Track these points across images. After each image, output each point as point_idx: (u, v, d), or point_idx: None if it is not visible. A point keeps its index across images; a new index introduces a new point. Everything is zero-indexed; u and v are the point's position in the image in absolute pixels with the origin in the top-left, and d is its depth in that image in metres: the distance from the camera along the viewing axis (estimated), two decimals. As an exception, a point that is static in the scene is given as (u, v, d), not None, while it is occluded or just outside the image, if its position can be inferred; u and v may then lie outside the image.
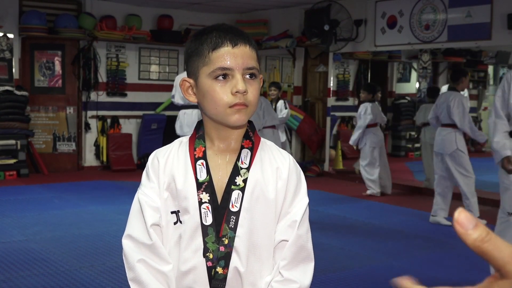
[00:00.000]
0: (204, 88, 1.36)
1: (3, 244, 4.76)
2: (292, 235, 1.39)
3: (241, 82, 1.33)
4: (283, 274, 1.38)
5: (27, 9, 8.46)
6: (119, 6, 9.18)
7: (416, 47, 8.47)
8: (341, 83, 11.33)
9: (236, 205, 1.37)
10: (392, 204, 7.02)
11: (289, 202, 1.42)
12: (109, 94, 9.21)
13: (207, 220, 1.36)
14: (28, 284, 3.87)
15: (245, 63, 1.34)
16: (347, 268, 4.44)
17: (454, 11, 7.24)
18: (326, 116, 9.33)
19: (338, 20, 8.34)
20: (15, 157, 8.20)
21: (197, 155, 1.41)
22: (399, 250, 5.00)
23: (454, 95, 5.95)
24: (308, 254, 1.41)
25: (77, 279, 3.99)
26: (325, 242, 5.06)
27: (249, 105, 1.35)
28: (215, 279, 1.36)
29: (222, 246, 1.36)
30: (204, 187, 1.38)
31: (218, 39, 1.34)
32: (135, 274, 1.36)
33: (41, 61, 8.78)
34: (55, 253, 4.60)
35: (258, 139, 1.46)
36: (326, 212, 6.39)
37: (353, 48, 8.74)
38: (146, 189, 1.41)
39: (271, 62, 10.51)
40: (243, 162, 1.40)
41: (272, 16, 9.86)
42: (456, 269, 4.50)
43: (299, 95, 9.64)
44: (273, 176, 1.41)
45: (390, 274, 4.32)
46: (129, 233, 1.40)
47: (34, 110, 8.71)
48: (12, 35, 8.36)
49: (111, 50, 9.16)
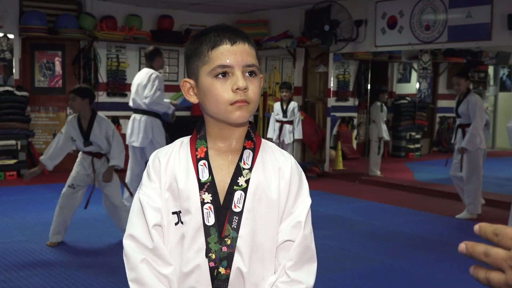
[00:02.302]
0: (204, 87, 1.36)
1: (3, 244, 4.76)
2: (298, 236, 1.39)
3: (241, 79, 1.33)
4: (290, 274, 1.39)
5: (28, 9, 8.47)
6: (119, 6, 9.18)
7: (416, 48, 8.47)
8: (342, 84, 11.32)
9: (238, 205, 1.38)
10: (392, 204, 7.02)
11: (291, 202, 1.42)
12: (109, 94, 9.22)
13: (209, 221, 1.36)
14: (28, 284, 3.87)
15: (245, 60, 1.34)
16: (347, 268, 4.44)
17: (454, 12, 7.24)
18: (326, 117, 9.33)
19: (338, 21, 8.34)
20: (15, 157, 8.20)
21: (199, 155, 1.41)
22: (399, 250, 5.00)
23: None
24: (312, 254, 1.42)
25: (77, 279, 3.99)
26: (325, 242, 5.07)
27: (250, 102, 1.35)
28: (217, 280, 1.36)
29: (224, 246, 1.36)
30: (206, 187, 1.38)
31: (217, 38, 1.35)
32: (137, 275, 1.36)
33: (41, 61, 8.79)
34: (55, 253, 4.60)
35: (260, 140, 1.46)
36: (326, 212, 6.39)
37: (354, 48, 8.74)
38: (147, 190, 1.41)
39: (271, 62, 10.51)
40: (245, 163, 1.40)
41: (272, 16, 9.86)
42: (456, 269, 4.50)
43: (299, 95, 9.64)
44: (275, 177, 1.42)
45: (390, 274, 4.33)
46: (130, 233, 1.39)
47: (35, 111, 8.72)
48: (12, 36, 8.37)
49: (112, 50, 9.16)
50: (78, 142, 4.85)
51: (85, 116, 4.85)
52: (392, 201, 7.20)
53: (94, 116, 4.87)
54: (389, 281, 4.20)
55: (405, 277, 4.29)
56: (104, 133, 4.85)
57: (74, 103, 4.76)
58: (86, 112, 4.83)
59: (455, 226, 6.02)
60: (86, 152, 4.91)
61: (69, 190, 4.92)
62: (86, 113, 4.84)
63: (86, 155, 4.93)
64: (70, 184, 4.93)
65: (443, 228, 5.87)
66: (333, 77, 10.29)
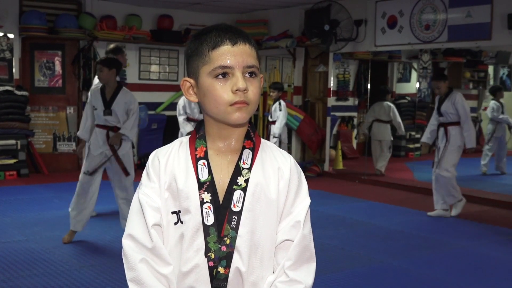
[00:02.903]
0: (204, 87, 1.36)
1: (3, 244, 4.76)
2: (297, 235, 1.39)
3: (241, 80, 1.33)
4: (289, 274, 1.39)
5: (27, 9, 8.46)
6: (119, 6, 9.18)
7: (416, 47, 8.47)
8: (341, 83, 11.33)
9: (238, 205, 1.37)
10: (392, 204, 7.02)
11: (291, 202, 1.42)
12: (109, 94, 9.20)
13: (208, 220, 1.36)
14: (28, 284, 3.87)
15: (245, 61, 1.34)
16: (347, 268, 4.44)
17: (454, 11, 7.24)
18: (326, 116, 9.33)
19: (338, 20, 8.34)
20: (15, 157, 8.20)
21: (198, 155, 1.41)
22: (399, 250, 5.00)
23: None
24: (311, 254, 1.42)
25: (77, 279, 3.99)
26: (325, 242, 5.07)
27: (249, 103, 1.35)
28: (216, 279, 1.36)
29: (223, 246, 1.36)
30: (205, 187, 1.38)
31: (218, 38, 1.35)
32: (136, 275, 1.36)
33: (41, 61, 8.79)
34: (55, 253, 4.60)
35: (259, 140, 1.46)
36: (326, 212, 6.39)
37: (353, 48, 8.74)
38: (147, 189, 1.41)
39: (271, 62, 10.51)
40: (245, 162, 1.40)
41: (272, 16, 9.86)
42: (456, 269, 4.50)
43: (299, 95, 9.64)
44: (275, 176, 1.42)
45: (390, 274, 4.33)
46: (129, 233, 1.39)
47: (34, 110, 8.72)
48: (12, 35, 8.36)
49: (111, 50, 9.15)
50: (98, 111, 4.88)
51: (111, 86, 4.90)
52: (392, 201, 7.20)
53: (120, 88, 4.93)
54: (389, 281, 4.20)
55: (405, 277, 4.29)
56: (127, 104, 4.90)
57: (102, 73, 4.83)
58: (112, 83, 4.89)
59: (455, 226, 6.02)
60: (101, 125, 4.90)
61: (85, 178, 4.92)
62: (112, 83, 4.89)
63: (101, 128, 4.91)
64: (86, 170, 4.93)
65: (442, 228, 5.87)
66: (333, 76, 10.30)
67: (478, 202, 7.14)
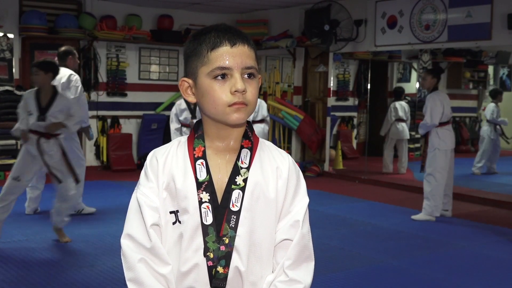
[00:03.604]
0: (203, 87, 1.36)
1: (3, 244, 4.76)
2: (296, 234, 1.39)
3: (240, 81, 1.33)
4: (288, 274, 1.39)
5: (27, 9, 8.46)
6: (119, 6, 9.18)
7: (416, 47, 8.47)
8: (341, 83, 11.33)
9: (236, 204, 1.37)
10: (392, 204, 7.02)
11: (289, 201, 1.42)
12: (109, 94, 9.21)
13: (207, 220, 1.36)
14: (28, 284, 3.87)
15: (244, 63, 1.34)
16: (347, 268, 4.44)
17: (454, 11, 7.24)
18: (326, 116, 9.33)
19: (338, 20, 8.34)
20: (15, 157, 8.16)
21: (197, 154, 1.41)
22: (399, 250, 5.00)
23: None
24: (310, 253, 1.42)
25: (77, 279, 3.99)
26: (325, 242, 5.07)
27: (248, 104, 1.35)
28: (215, 279, 1.36)
29: (222, 245, 1.36)
30: (204, 186, 1.38)
31: (217, 39, 1.35)
32: (135, 274, 1.36)
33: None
34: (55, 253, 4.60)
35: (257, 139, 1.46)
36: (326, 212, 6.39)
37: (353, 48, 8.74)
38: (145, 189, 1.41)
39: (271, 62, 10.50)
40: (243, 162, 1.40)
41: (272, 16, 9.86)
42: (456, 269, 4.50)
43: (299, 95, 9.64)
44: (273, 176, 1.42)
45: (390, 274, 4.33)
46: (128, 233, 1.39)
47: (34, 110, 8.71)
48: (12, 35, 8.36)
49: (111, 50, 9.15)
50: (32, 117, 4.70)
51: (47, 90, 4.75)
52: (392, 201, 7.20)
53: (56, 93, 4.78)
54: (389, 281, 4.20)
55: (405, 277, 4.29)
56: (67, 109, 4.77)
57: (37, 77, 4.69)
58: (48, 87, 4.75)
59: (455, 226, 6.02)
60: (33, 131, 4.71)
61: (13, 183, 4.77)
62: (48, 87, 4.75)
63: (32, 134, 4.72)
64: (15, 176, 4.78)
65: (443, 228, 5.87)
66: (333, 76, 10.29)
67: (478, 202, 7.15)
